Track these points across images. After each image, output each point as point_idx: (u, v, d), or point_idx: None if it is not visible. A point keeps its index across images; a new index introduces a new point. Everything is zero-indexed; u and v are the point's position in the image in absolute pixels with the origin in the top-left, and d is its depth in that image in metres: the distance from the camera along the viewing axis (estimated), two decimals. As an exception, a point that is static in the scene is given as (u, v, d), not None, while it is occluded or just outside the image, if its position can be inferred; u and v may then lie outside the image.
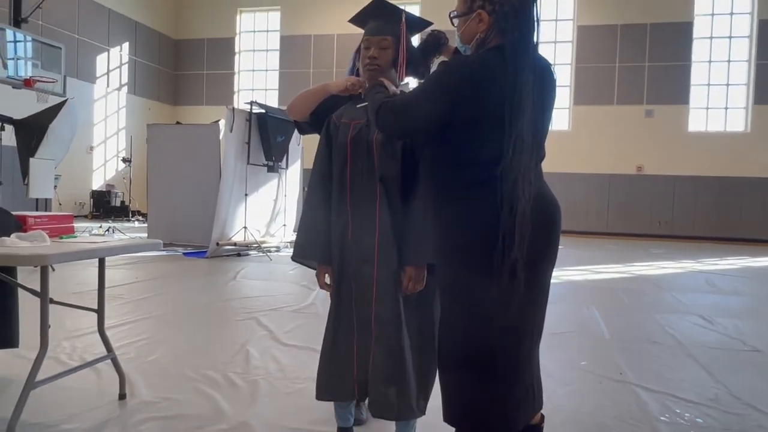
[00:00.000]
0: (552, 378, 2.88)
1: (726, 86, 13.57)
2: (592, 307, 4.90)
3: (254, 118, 7.98)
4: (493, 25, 1.55)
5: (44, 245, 2.08)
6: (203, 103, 16.53)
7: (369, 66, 1.89)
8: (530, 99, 1.47)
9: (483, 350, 1.54)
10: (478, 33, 1.58)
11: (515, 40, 1.51)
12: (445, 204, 1.60)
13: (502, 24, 1.53)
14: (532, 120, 1.49)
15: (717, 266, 8.33)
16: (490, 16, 1.55)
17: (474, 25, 1.58)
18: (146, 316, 4.04)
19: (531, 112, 1.48)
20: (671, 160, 13.38)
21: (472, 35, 1.60)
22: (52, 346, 2.99)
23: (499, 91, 1.48)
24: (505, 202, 1.46)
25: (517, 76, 1.47)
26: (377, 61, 1.88)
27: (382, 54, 1.89)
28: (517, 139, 1.46)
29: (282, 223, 8.94)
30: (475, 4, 1.57)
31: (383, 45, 1.89)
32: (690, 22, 13.43)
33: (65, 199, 12.32)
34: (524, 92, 1.47)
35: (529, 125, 1.48)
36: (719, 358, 3.46)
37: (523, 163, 1.47)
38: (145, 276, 5.79)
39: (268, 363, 3.07)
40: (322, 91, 1.99)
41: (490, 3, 1.55)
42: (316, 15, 15.38)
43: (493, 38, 1.56)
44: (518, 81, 1.47)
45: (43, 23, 11.92)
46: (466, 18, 1.60)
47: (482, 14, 1.56)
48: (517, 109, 1.46)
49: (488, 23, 1.56)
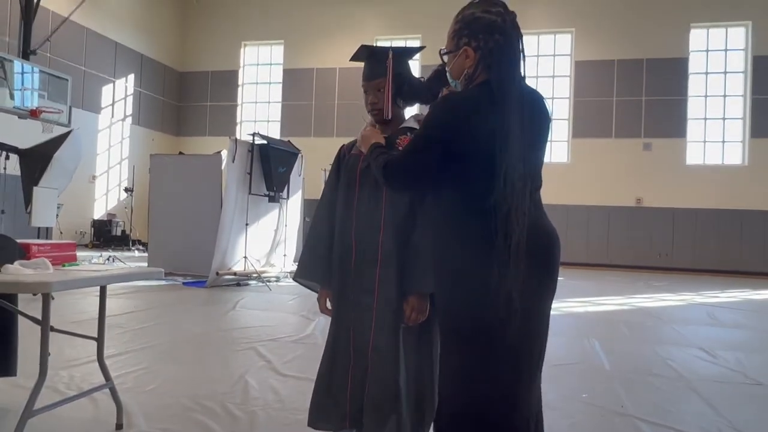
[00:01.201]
0: (554, 410, 2.85)
1: (722, 120, 13.75)
2: (593, 338, 4.88)
3: (256, 149, 8.08)
4: (479, 61, 1.61)
5: (47, 273, 2.09)
6: (206, 134, 16.71)
7: (372, 112, 2.00)
8: (517, 131, 1.51)
9: (481, 380, 1.54)
10: (466, 68, 1.64)
11: (500, 75, 1.56)
12: (441, 236, 1.63)
13: (488, 60, 1.59)
14: (521, 151, 1.52)
15: (718, 299, 8.30)
16: (475, 53, 1.61)
17: (461, 61, 1.64)
18: (145, 346, 4.02)
19: (519, 143, 1.51)
20: (670, 193, 13.45)
21: (460, 71, 1.66)
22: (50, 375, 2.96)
23: (486, 125, 1.52)
24: (500, 233, 1.48)
25: (504, 110, 1.52)
26: (377, 105, 1.97)
27: (381, 96, 1.97)
28: (507, 171, 1.49)
29: (282, 253, 8.94)
30: (461, 41, 1.63)
31: (379, 87, 1.97)
32: (685, 58, 13.69)
33: (66, 228, 12.34)
34: (511, 125, 1.51)
35: (518, 156, 1.51)
36: (721, 392, 3.43)
37: (515, 194, 1.49)
38: (144, 305, 5.77)
39: (267, 393, 3.05)
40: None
41: (475, 39, 1.61)
42: (318, 49, 15.69)
43: (480, 73, 1.62)
44: (504, 114, 1.51)
45: (51, 55, 12.16)
46: (454, 55, 1.66)
47: (468, 51, 1.62)
48: (504, 142, 1.50)
49: (474, 59, 1.61)
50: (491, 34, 1.59)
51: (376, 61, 1.99)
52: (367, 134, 1.87)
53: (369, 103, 2.00)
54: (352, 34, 14.89)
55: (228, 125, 16.43)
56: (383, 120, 1.99)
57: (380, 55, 1.98)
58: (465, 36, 1.63)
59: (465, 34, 1.63)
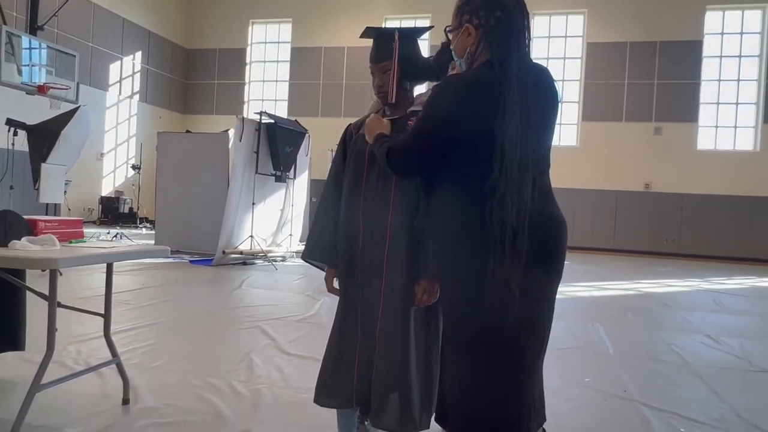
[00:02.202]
0: (556, 394, 2.86)
1: (735, 105, 13.55)
2: (597, 323, 4.87)
3: (263, 128, 8.04)
4: (481, 39, 1.58)
5: (54, 249, 2.10)
6: (213, 113, 16.66)
7: (379, 94, 1.98)
8: (517, 113, 1.47)
9: (482, 364, 1.54)
10: (468, 46, 1.61)
11: (501, 53, 1.53)
12: (442, 221, 1.61)
13: (489, 37, 1.57)
14: (522, 132, 1.47)
15: (724, 285, 8.27)
16: (477, 30, 1.58)
17: (464, 38, 1.62)
18: (151, 323, 4.05)
19: (518, 126, 1.47)
20: (679, 178, 13.33)
21: (463, 49, 1.63)
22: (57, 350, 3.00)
23: (486, 107, 1.49)
24: (494, 220, 1.46)
25: (503, 89, 1.48)
26: (384, 88, 1.95)
27: (387, 79, 1.94)
28: (504, 153, 1.46)
29: (288, 233, 8.96)
30: (463, 18, 1.61)
31: (385, 69, 1.94)
32: (699, 41, 13.45)
33: (74, 205, 12.41)
34: (509, 106, 1.47)
35: (516, 140, 1.46)
36: (725, 378, 3.43)
37: (511, 179, 1.46)
38: (151, 282, 5.81)
39: (272, 372, 3.08)
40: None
41: (476, 17, 1.58)
42: (326, 27, 15.53)
43: (482, 51, 1.59)
44: (504, 94, 1.48)
45: (58, 31, 12.09)
46: (457, 32, 1.64)
47: (469, 28, 1.59)
48: (501, 124, 1.46)
49: (476, 37, 1.59)
50: (492, 11, 1.56)
51: (383, 43, 1.96)
52: (372, 124, 1.84)
53: (375, 85, 1.98)
54: (361, 13, 14.72)
55: (235, 104, 16.36)
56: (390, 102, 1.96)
57: (387, 37, 1.95)
58: (466, 13, 1.60)
59: (466, 11, 1.61)
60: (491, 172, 1.47)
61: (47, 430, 2.19)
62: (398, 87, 1.95)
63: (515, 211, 1.45)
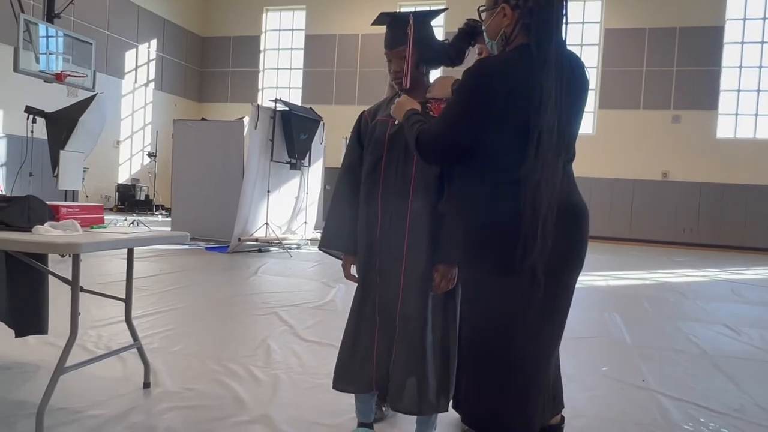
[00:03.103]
0: (573, 382, 2.85)
1: (757, 92, 13.28)
2: (614, 313, 4.84)
3: (278, 116, 8.05)
4: (517, 21, 1.53)
5: (77, 234, 2.12)
6: (228, 100, 16.71)
7: (396, 80, 1.96)
8: (553, 98, 1.44)
9: (502, 352, 1.53)
10: (503, 28, 1.57)
11: (539, 37, 1.49)
12: (469, 205, 1.59)
13: (526, 19, 1.51)
14: (556, 120, 1.45)
15: (743, 276, 8.16)
16: (513, 11, 1.53)
17: (499, 20, 1.57)
18: (170, 308, 4.10)
19: (554, 111, 1.44)
20: (698, 167, 13.14)
21: (497, 30, 1.59)
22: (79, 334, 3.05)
23: (522, 92, 1.45)
24: (527, 206, 1.44)
25: (541, 75, 1.44)
26: (401, 74, 1.93)
27: (403, 64, 1.92)
28: (540, 141, 1.43)
29: (303, 221, 8.99)
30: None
31: (401, 56, 1.92)
32: (721, 27, 13.18)
33: (92, 192, 12.56)
34: (546, 92, 1.44)
35: (552, 126, 1.44)
36: (745, 368, 3.39)
37: (546, 165, 1.44)
38: (168, 269, 5.88)
39: (289, 357, 3.10)
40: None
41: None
42: (341, 14, 15.45)
43: (517, 34, 1.54)
44: (541, 80, 1.44)
45: (75, 19, 12.17)
46: (491, 12, 1.59)
47: (506, 9, 1.55)
48: (538, 110, 1.44)
49: (512, 18, 1.54)
50: None
51: (397, 29, 1.93)
52: (402, 101, 1.82)
53: (392, 71, 1.96)
54: None
55: (250, 91, 16.39)
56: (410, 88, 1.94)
57: (401, 22, 1.92)
58: None
59: None
60: (523, 158, 1.44)
61: (70, 412, 2.23)
62: (414, 71, 1.93)
63: (548, 198, 1.43)
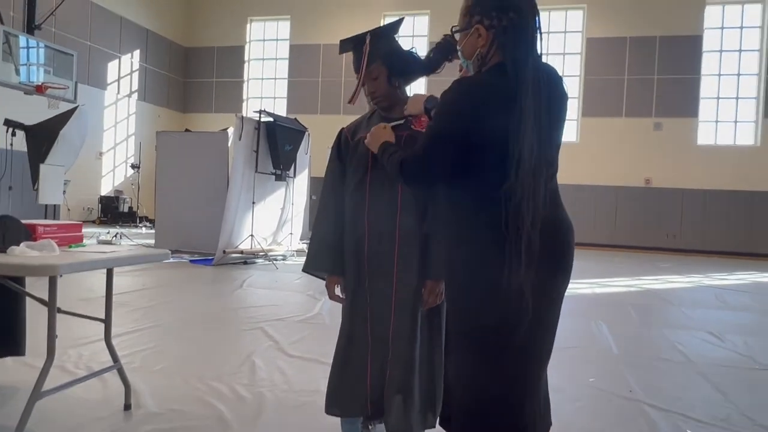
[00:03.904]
0: (561, 394, 2.84)
1: (735, 99, 13.51)
2: (600, 321, 4.86)
3: (263, 127, 8.01)
4: (492, 40, 1.52)
5: (53, 255, 2.08)
6: (213, 111, 16.61)
7: (373, 101, 1.97)
8: (532, 118, 1.43)
9: (490, 370, 1.52)
10: (478, 48, 1.55)
11: (515, 56, 1.48)
12: (453, 226, 1.58)
13: (502, 38, 1.50)
14: (537, 137, 1.44)
15: (726, 281, 8.25)
16: (488, 31, 1.52)
17: (473, 40, 1.56)
18: (152, 325, 4.03)
19: (534, 128, 1.43)
20: (680, 173, 13.30)
21: (472, 50, 1.57)
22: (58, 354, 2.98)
23: (501, 112, 1.45)
24: (510, 225, 1.42)
25: (519, 94, 1.43)
26: (376, 93, 1.94)
27: (376, 84, 1.93)
28: (520, 159, 1.42)
29: (289, 232, 8.94)
30: (473, 19, 1.54)
31: (372, 76, 1.93)
32: (699, 36, 13.40)
33: (74, 205, 12.38)
34: (525, 111, 1.43)
35: (533, 144, 1.43)
36: (730, 377, 3.41)
37: (527, 185, 1.42)
38: (151, 283, 5.79)
39: (274, 374, 3.06)
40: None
41: (488, 18, 1.51)
42: (325, 24, 15.46)
43: (494, 54, 1.53)
44: (519, 99, 1.43)
45: (56, 30, 12.04)
46: (465, 33, 1.58)
47: (480, 29, 1.53)
48: (517, 130, 1.42)
49: (487, 39, 1.53)
50: (505, 12, 1.50)
51: (357, 52, 1.94)
52: (376, 132, 1.79)
53: (368, 93, 1.97)
54: (359, 9, 14.66)
55: (234, 102, 16.31)
56: (386, 106, 1.95)
57: (359, 44, 1.93)
58: (477, 14, 1.54)
59: (477, 12, 1.54)
60: (504, 178, 1.43)
61: (49, 436, 2.17)
62: (388, 87, 1.93)
63: (531, 217, 1.42)
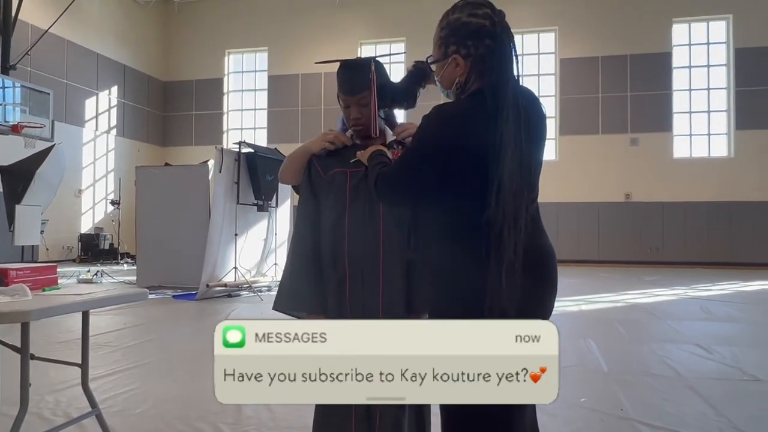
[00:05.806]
0: (553, 417, 2.81)
1: (707, 113, 13.84)
2: (589, 338, 4.85)
3: (243, 158, 7.99)
4: (471, 68, 1.51)
5: (25, 300, 2.01)
6: (193, 144, 16.56)
7: (356, 128, 1.86)
8: (512, 145, 1.42)
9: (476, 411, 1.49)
10: (457, 77, 1.53)
11: (494, 82, 1.46)
12: (434, 254, 1.55)
13: (480, 66, 1.49)
14: (517, 162, 1.43)
15: (710, 292, 8.32)
16: (465, 60, 1.50)
17: (451, 70, 1.53)
18: (134, 365, 3.92)
19: (514, 158, 1.42)
20: (658, 187, 13.51)
21: (451, 80, 1.55)
22: (35, 401, 2.89)
23: (481, 138, 1.43)
24: (492, 254, 1.40)
25: (498, 119, 1.42)
26: (362, 121, 1.83)
27: (364, 111, 1.82)
28: (500, 186, 1.40)
29: (273, 263, 8.85)
30: (449, 49, 1.52)
31: (362, 103, 1.82)
32: (669, 53, 13.77)
33: (52, 244, 12.17)
34: (505, 137, 1.41)
35: (513, 170, 1.41)
36: (719, 389, 3.41)
37: (508, 212, 1.40)
38: (133, 322, 5.66)
39: (261, 412, 2.98)
40: (304, 153, 1.94)
41: (463, 47, 1.50)
42: (303, 54, 15.60)
43: (474, 81, 1.52)
44: (499, 125, 1.42)
45: (31, 69, 11.98)
46: (443, 64, 1.55)
47: (457, 59, 1.51)
48: (498, 157, 1.41)
49: (465, 67, 1.51)
50: (481, 40, 1.48)
51: (358, 74, 1.83)
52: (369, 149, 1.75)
53: (352, 118, 1.85)
54: (337, 39, 14.84)
55: (214, 134, 16.29)
56: (368, 135, 1.85)
57: (362, 68, 1.83)
58: (453, 44, 1.51)
59: (452, 42, 1.51)
60: (484, 205, 1.41)
61: (24, 491, 2.07)
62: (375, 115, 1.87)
63: (513, 244, 1.40)
